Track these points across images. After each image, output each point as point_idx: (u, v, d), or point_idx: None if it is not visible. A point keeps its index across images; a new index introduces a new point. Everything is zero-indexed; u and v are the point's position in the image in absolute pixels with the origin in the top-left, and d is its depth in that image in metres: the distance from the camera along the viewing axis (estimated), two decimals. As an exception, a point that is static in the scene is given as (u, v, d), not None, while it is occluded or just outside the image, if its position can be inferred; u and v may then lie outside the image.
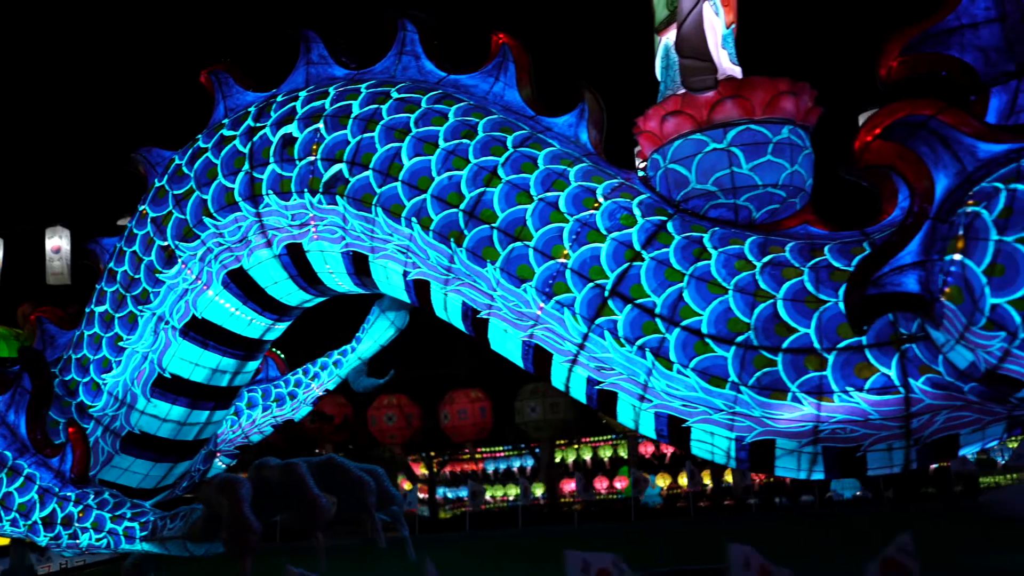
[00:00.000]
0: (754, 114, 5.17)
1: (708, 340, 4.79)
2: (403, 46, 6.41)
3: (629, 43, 6.09)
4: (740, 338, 4.72)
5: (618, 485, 25.79)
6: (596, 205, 5.24)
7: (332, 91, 6.09)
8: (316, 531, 5.41)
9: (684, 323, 4.84)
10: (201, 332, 6.40)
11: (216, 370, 6.58)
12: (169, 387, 6.47)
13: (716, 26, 5.58)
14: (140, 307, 6.42)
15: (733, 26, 5.81)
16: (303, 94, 6.21)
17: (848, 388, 4.52)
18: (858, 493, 21.19)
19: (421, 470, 25.90)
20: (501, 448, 25.49)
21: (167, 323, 6.36)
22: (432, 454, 24.10)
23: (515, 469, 26.12)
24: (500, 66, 6.14)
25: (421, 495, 23.14)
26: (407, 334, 8.48)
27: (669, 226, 5.12)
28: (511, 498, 24.97)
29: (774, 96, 5.17)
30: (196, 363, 6.47)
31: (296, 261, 6.12)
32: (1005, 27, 4.96)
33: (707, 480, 24.01)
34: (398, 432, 21.00)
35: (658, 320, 4.90)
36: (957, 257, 3.84)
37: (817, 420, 4.68)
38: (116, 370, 6.52)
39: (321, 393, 8.31)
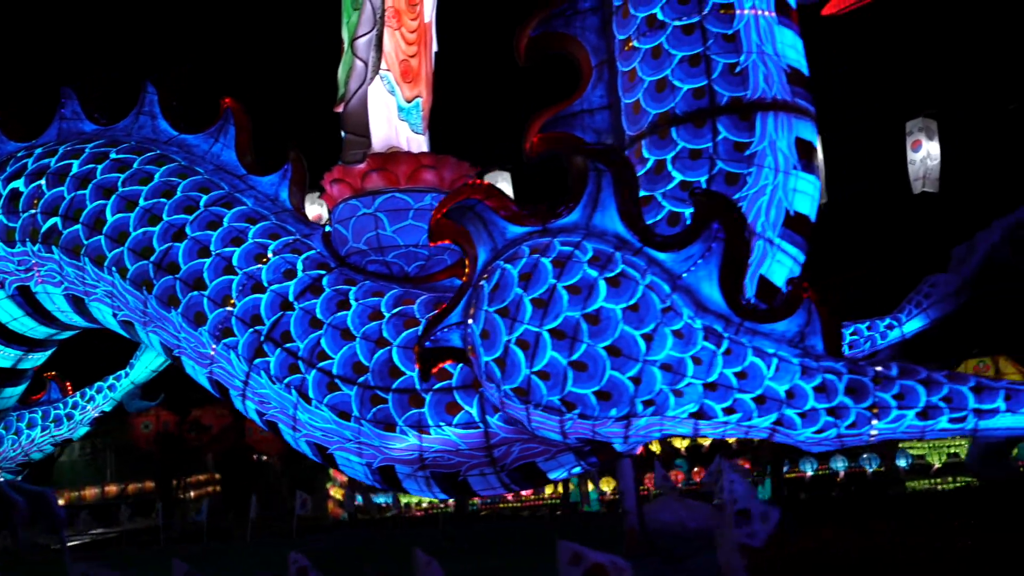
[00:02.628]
0: (398, 184, 6.00)
1: (337, 380, 5.60)
2: (142, 106, 7.14)
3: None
4: (361, 379, 5.54)
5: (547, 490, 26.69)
6: (265, 260, 6.03)
7: (61, 150, 6.80)
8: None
9: (320, 365, 5.65)
10: (-52, 363, 7.08)
11: (-33, 397, 7.27)
12: (-80, 412, 7.15)
13: (389, 103, 6.41)
14: None
15: (419, 100, 6.66)
16: (38, 150, 6.91)
17: (441, 423, 5.36)
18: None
19: (342, 477, 26.62)
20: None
21: (-86, 355, 7.03)
22: None
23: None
24: (222, 128, 6.91)
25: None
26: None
27: (324, 280, 5.93)
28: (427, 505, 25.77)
29: (416, 169, 6.01)
30: (-56, 391, 7.15)
31: (28, 301, 6.82)
32: (612, 114, 5.89)
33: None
34: (274, 442, 21.63)
35: (300, 363, 5.70)
36: (470, 321, 4.71)
37: (421, 450, 5.52)
38: None
39: (97, 414, 8.99)
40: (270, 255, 6.05)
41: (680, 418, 4.27)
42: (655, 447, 21.45)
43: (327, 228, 6.55)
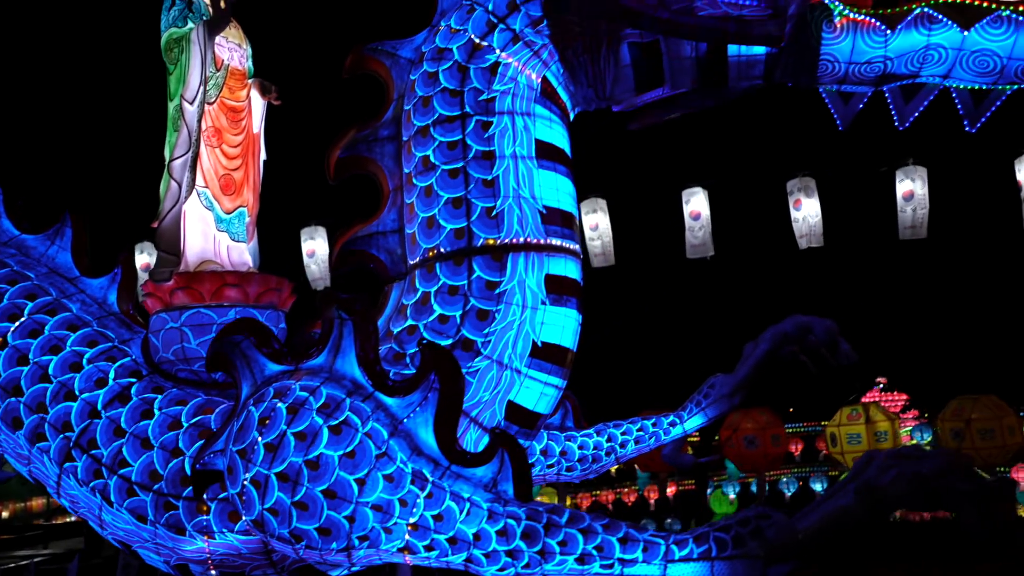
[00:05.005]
0: (203, 300, 6.51)
1: (135, 487, 6.11)
2: (-14, 206, 7.58)
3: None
4: (156, 487, 6.05)
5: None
6: (79, 368, 6.51)
7: None
8: None
9: (120, 472, 6.14)
10: None
11: None
12: None
13: (206, 217, 6.91)
14: None
15: (242, 209, 7.18)
16: None
17: (224, 530, 5.88)
18: None
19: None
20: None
21: None
22: None
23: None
24: (59, 231, 7.38)
25: None
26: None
27: (133, 389, 6.42)
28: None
29: (220, 286, 6.53)
30: None
31: None
32: (401, 237, 6.44)
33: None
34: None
35: (104, 469, 6.20)
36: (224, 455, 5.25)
37: (209, 552, 6.04)
38: None
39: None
40: (85, 364, 6.53)
41: (391, 551, 4.83)
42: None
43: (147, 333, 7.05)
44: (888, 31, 5.37)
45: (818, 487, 25.18)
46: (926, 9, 5.38)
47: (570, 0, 5.82)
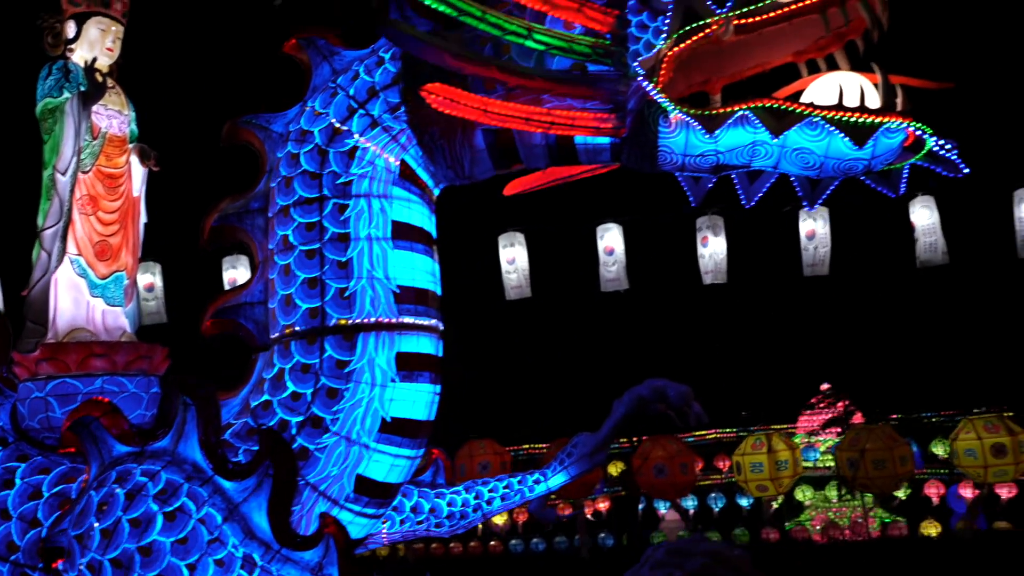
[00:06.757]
0: (69, 371, 6.65)
1: (-6, 557, 6.25)
2: None
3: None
4: (13, 557, 6.18)
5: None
6: (-56, 436, 6.62)
7: None
8: None
9: (-17, 541, 6.28)
10: None
11: None
12: None
13: (79, 284, 6.99)
14: None
15: (120, 273, 7.30)
16: None
17: (83, 598, 6.05)
18: None
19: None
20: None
21: None
22: None
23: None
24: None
25: None
26: None
27: (-4, 458, 6.55)
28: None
29: (86, 356, 6.65)
30: None
31: None
32: (266, 309, 6.63)
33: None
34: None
35: (-40, 539, 6.32)
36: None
37: (65, 620, 6.21)
38: None
39: None
40: (-54, 430, 6.66)
41: (221, 635, 5.06)
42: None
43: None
44: (707, 135, 5.73)
45: (744, 503, 25.75)
46: (746, 112, 5.75)
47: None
